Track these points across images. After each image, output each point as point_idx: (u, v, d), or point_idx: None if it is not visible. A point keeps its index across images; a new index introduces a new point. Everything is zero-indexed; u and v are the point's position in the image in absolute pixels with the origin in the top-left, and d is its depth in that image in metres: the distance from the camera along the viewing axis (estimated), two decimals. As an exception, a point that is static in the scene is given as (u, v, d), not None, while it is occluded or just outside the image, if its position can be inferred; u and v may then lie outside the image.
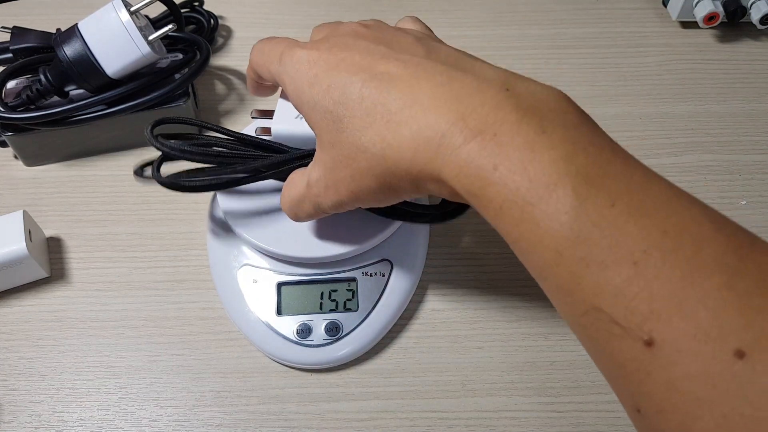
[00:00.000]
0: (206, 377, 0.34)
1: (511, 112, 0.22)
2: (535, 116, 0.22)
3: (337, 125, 0.26)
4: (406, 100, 0.24)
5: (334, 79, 0.26)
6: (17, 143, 0.41)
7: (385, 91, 0.24)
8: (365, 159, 0.25)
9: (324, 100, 0.26)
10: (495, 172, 0.21)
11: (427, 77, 0.24)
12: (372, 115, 0.25)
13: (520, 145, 0.21)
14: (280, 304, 0.34)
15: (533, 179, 0.21)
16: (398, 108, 0.24)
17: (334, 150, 0.27)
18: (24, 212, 0.36)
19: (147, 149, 0.43)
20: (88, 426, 0.33)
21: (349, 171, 0.26)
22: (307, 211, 0.30)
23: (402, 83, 0.24)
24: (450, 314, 0.36)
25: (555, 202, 0.20)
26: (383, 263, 0.35)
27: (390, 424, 0.33)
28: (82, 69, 0.38)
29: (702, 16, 0.48)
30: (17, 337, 0.35)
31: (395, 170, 0.25)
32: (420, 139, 0.23)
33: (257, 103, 0.46)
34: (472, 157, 0.22)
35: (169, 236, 0.39)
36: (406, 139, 0.24)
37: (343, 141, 0.26)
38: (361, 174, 0.26)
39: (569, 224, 0.20)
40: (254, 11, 0.52)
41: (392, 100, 0.24)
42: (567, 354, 0.35)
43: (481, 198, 0.22)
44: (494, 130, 0.22)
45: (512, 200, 0.21)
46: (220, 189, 0.35)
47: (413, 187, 0.25)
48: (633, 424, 0.21)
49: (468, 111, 0.23)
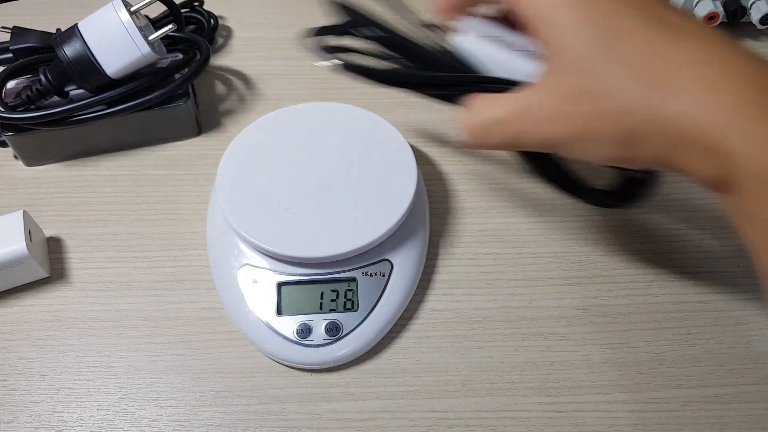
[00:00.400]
0: (206, 377, 0.34)
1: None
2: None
3: (600, 54, 0.23)
4: (697, 55, 0.22)
5: (610, 5, 0.23)
6: (17, 143, 0.41)
7: (673, 39, 0.23)
8: (625, 100, 0.23)
9: (590, 23, 0.23)
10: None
11: (714, 38, 0.22)
12: (651, 58, 0.22)
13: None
14: (280, 304, 0.34)
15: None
16: (686, 60, 0.22)
17: (581, 79, 0.24)
18: (24, 212, 0.36)
19: (147, 149, 0.43)
20: (88, 426, 0.33)
21: (594, 107, 0.24)
22: (504, 137, 0.27)
23: (690, 35, 0.23)
24: (450, 314, 0.36)
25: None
26: (383, 263, 0.35)
27: (390, 424, 0.33)
28: (82, 69, 0.38)
29: (702, 16, 0.48)
30: (17, 337, 0.35)
31: (659, 124, 0.22)
32: (710, 101, 0.21)
33: (260, 104, 0.46)
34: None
35: (169, 236, 0.39)
36: (692, 96, 0.21)
37: (601, 73, 0.23)
38: (609, 115, 0.23)
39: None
40: (254, 11, 0.52)
41: (680, 50, 0.22)
42: (567, 354, 0.35)
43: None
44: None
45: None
46: (400, 86, 0.33)
47: (663, 150, 0.23)
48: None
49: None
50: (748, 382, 0.34)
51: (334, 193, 0.36)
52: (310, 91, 0.47)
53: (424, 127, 0.45)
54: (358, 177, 0.36)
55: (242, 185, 0.36)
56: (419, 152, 0.43)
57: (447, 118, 0.45)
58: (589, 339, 0.36)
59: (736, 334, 0.36)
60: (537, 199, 0.41)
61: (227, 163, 0.37)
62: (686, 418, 0.33)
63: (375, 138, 0.38)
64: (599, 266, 0.38)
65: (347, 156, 0.37)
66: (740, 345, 0.35)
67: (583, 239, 0.39)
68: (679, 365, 0.35)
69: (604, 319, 0.36)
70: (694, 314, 0.36)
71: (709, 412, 0.33)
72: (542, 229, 0.40)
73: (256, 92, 0.47)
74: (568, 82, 0.24)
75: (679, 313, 0.36)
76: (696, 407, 0.33)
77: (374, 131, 0.39)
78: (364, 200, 0.35)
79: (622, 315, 0.36)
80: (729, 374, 0.34)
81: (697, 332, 0.36)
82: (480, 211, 0.40)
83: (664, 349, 0.35)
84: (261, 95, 0.47)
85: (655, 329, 0.36)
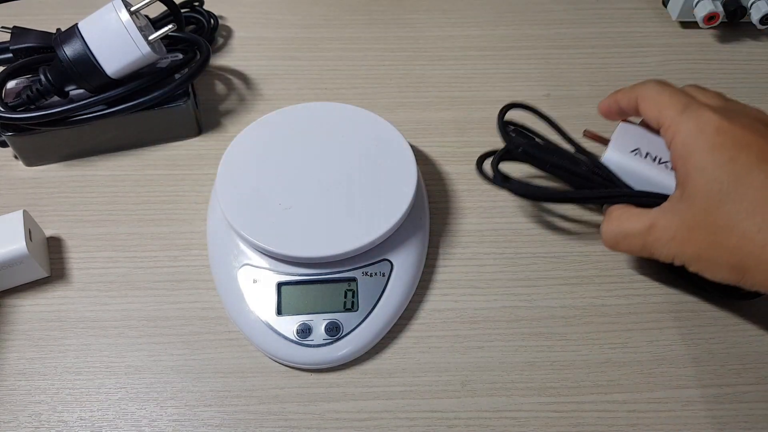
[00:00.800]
0: (206, 377, 0.34)
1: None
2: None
3: (721, 197, 0.28)
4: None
5: (740, 156, 0.28)
6: (17, 143, 0.41)
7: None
8: (736, 237, 0.28)
9: (718, 170, 0.28)
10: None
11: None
12: (764, 205, 0.27)
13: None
14: (280, 304, 0.34)
15: None
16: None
17: (702, 214, 0.29)
18: (24, 212, 0.36)
19: (147, 149, 0.43)
20: (88, 426, 0.33)
21: (709, 239, 0.29)
22: (632, 247, 0.32)
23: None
24: (450, 314, 0.36)
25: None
26: (383, 263, 0.35)
27: (390, 424, 0.33)
28: (82, 69, 0.38)
29: (702, 16, 0.48)
30: (17, 337, 0.35)
31: (761, 258, 0.27)
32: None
33: (260, 104, 0.46)
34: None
35: (169, 236, 0.39)
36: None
37: (720, 213, 0.28)
38: (721, 247, 0.28)
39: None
40: (254, 11, 0.52)
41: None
42: (567, 354, 0.35)
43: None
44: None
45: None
46: (558, 202, 0.40)
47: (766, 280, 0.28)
48: None
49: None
50: (748, 382, 0.34)
51: (334, 193, 0.36)
52: (310, 91, 0.47)
53: (424, 127, 0.45)
54: (358, 177, 0.36)
55: (242, 185, 0.36)
56: (419, 152, 0.43)
57: (447, 117, 0.45)
58: (589, 339, 0.36)
59: (736, 334, 0.36)
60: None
61: (227, 163, 0.37)
62: (686, 418, 0.33)
63: (375, 138, 0.38)
64: (599, 266, 0.38)
65: (347, 156, 0.37)
66: (740, 345, 0.35)
67: (583, 239, 0.39)
68: (679, 365, 0.35)
69: (604, 319, 0.36)
70: (694, 314, 0.36)
71: (709, 412, 0.33)
72: (542, 229, 0.40)
73: (256, 92, 0.47)
74: (694, 213, 0.29)
75: (679, 313, 0.36)
76: (696, 407, 0.33)
77: (374, 131, 0.39)
78: (364, 200, 0.35)
79: (622, 315, 0.36)
80: (729, 374, 0.34)
81: (697, 332, 0.36)
82: (480, 211, 0.40)
83: (664, 349, 0.35)
84: (261, 95, 0.47)
85: (655, 329, 0.36)
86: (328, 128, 0.39)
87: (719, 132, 0.29)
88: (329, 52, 0.49)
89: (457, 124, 0.45)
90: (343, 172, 0.37)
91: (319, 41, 0.50)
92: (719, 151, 0.29)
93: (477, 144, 0.44)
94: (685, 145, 0.30)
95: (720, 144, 0.29)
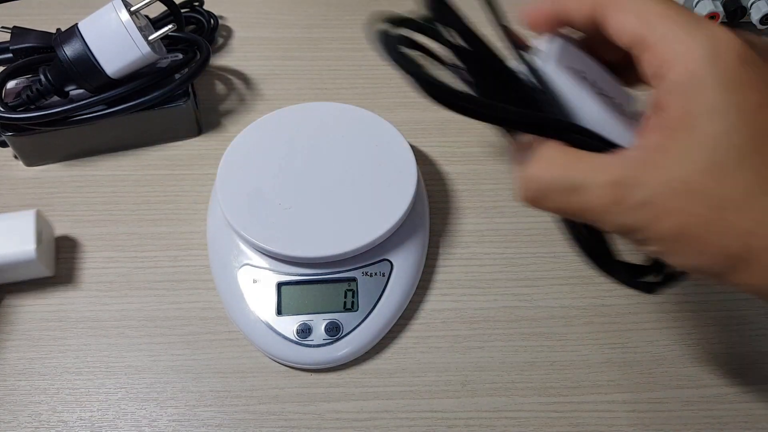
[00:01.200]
0: (206, 377, 0.34)
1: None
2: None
3: (740, 157, 0.20)
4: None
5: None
6: (17, 143, 0.41)
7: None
8: (750, 217, 0.20)
9: (740, 117, 0.20)
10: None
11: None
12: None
13: None
14: (280, 304, 0.34)
15: None
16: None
17: (703, 176, 0.20)
18: (38, 212, 0.36)
19: (147, 149, 0.43)
20: (88, 426, 0.33)
21: (706, 213, 0.20)
22: (570, 206, 0.22)
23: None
24: (450, 314, 0.36)
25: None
26: (383, 263, 0.35)
27: (390, 424, 0.33)
28: (82, 69, 0.38)
29: (702, 16, 0.48)
30: (17, 337, 0.35)
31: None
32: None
33: (260, 104, 0.46)
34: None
35: (169, 236, 0.39)
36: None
37: (733, 179, 0.20)
38: (723, 226, 0.20)
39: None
40: (254, 11, 0.52)
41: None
42: (567, 354, 0.35)
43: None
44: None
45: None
46: (469, 115, 0.24)
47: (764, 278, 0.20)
48: None
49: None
50: (748, 382, 0.34)
51: (334, 193, 0.36)
52: (310, 91, 0.47)
53: (424, 127, 0.45)
54: (358, 177, 0.36)
55: (242, 185, 0.36)
56: (419, 152, 0.43)
57: (447, 117, 0.45)
58: (589, 339, 0.36)
59: (736, 334, 0.36)
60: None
61: (227, 163, 0.37)
62: (686, 418, 0.33)
63: (375, 138, 0.38)
64: (599, 266, 0.38)
65: (347, 156, 0.37)
66: (740, 345, 0.35)
67: (583, 239, 0.39)
68: (679, 365, 0.35)
69: (604, 319, 0.36)
70: (694, 314, 0.36)
71: (709, 412, 0.33)
72: (542, 229, 0.40)
73: (256, 92, 0.47)
74: (689, 172, 0.20)
75: (679, 313, 0.36)
76: (696, 407, 0.33)
77: (374, 131, 0.39)
78: (364, 200, 0.35)
79: (622, 315, 0.36)
80: (729, 374, 0.34)
81: (697, 332, 0.36)
82: (480, 211, 0.40)
83: (664, 349, 0.35)
84: (261, 95, 0.47)
85: (655, 329, 0.36)
86: (328, 128, 0.39)
87: (744, 62, 0.20)
88: (329, 52, 0.49)
89: (457, 124, 0.45)
90: (343, 172, 0.37)
91: (319, 41, 0.50)
92: (745, 90, 0.20)
93: (477, 144, 0.44)
94: (692, 75, 0.20)
95: (747, 81, 0.20)
